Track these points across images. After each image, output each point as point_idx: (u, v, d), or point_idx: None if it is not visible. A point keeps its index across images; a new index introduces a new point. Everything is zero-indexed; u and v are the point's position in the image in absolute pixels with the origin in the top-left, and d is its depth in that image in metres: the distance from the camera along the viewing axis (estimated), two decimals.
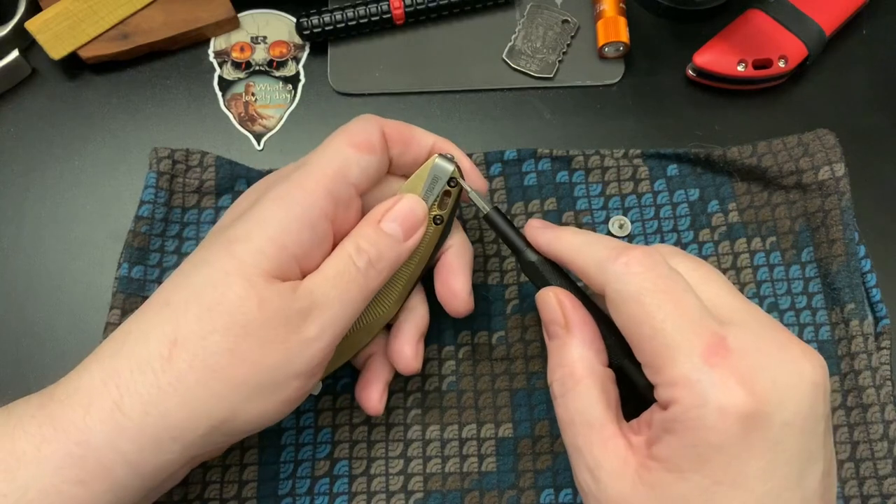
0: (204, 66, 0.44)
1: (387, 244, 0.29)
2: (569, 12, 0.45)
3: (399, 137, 0.31)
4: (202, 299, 0.26)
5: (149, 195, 0.37)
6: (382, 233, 0.29)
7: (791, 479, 0.23)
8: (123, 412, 0.25)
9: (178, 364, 0.25)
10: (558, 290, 0.30)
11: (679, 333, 0.24)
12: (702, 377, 0.23)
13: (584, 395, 0.27)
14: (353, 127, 0.30)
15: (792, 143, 0.38)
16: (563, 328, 0.29)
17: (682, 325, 0.25)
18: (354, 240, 0.29)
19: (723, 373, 0.23)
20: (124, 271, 0.36)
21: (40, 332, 0.38)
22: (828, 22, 0.42)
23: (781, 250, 0.37)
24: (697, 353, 0.24)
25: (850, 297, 0.35)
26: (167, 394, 0.25)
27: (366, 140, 0.30)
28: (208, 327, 0.25)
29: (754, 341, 0.24)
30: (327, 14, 0.43)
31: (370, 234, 0.29)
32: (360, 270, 0.28)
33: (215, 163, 0.39)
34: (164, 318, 0.26)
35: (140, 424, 0.25)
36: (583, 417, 0.27)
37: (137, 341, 0.26)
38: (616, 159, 0.39)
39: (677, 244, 0.38)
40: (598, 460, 0.26)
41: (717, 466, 0.23)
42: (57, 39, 0.42)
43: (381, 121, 0.31)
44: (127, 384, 0.25)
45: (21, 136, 0.42)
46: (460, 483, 0.34)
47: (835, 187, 0.37)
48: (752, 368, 0.24)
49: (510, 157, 0.39)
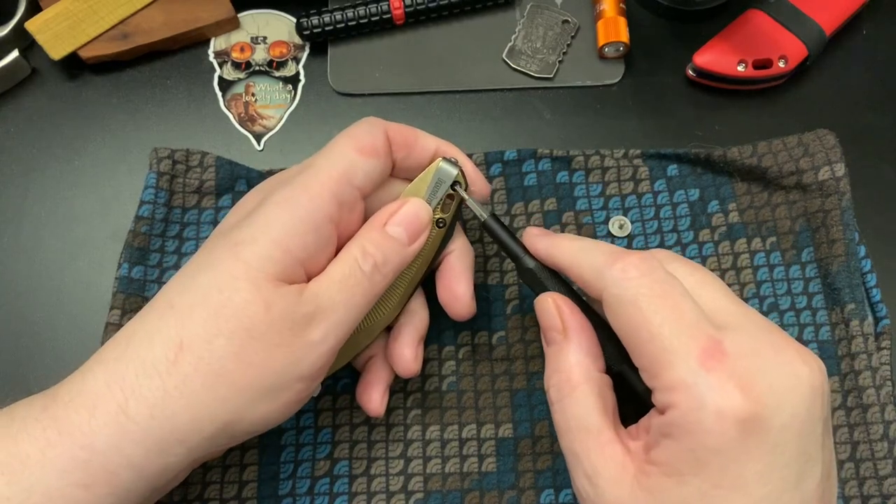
0: (204, 66, 0.44)
1: (392, 248, 0.29)
2: (569, 12, 0.45)
3: (403, 141, 0.31)
4: (208, 302, 0.26)
5: (149, 195, 0.37)
6: (388, 236, 0.29)
7: (789, 481, 0.23)
8: (129, 416, 0.25)
9: (184, 367, 0.25)
10: (556, 295, 0.30)
11: (676, 338, 0.24)
12: (699, 381, 0.23)
13: (580, 400, 0.27)
14: (357, 130, 0.30)
15: (792, 143, 0.38)
16: (560, 334, 0.29)
17: (678, 329, 0.25)
18: (360, 243, 0.29)
19: (720, 376, 0.23)
20: (124, 271, 0.36)
21: (40, 332, 0.38)
22: (828, 22, 0.42)
23: (781, 250, 0.37)
24: (694, 357, 0.24)
25: (851, 297, 0.35)
26: (173, 397, 0.25)
27: (370, 144, 0.30)
28: (214, 331, 0.25)
29: (751, 345, 0.25)
30: (327, 14, 0.43)
31: (376, 237, 0.29)
32: (366, 274, 0.28)
33: (215, 163, 0.39)
34: (169, 321, 0.26)
35: (145, 428, 0.25)
36: (580, 423, 0.27)
37: (142, 344, 0.26)
38: (616, 159, 0.39)
39: (677, 244, 0.38)
40: (596, 466, 0.26)
41: (716, 470, 0.23)
42: (57, 39, 0.42)
43: (385, 124, 0.31)
44: (132, 387, 0.25)
45: (21, 136, 0.42)
46: (460, 483, 0.34)
47: (835, 187, 0.37)
48: (750, 372, 0.24)
49: (510, 157, 0.39)
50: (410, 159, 0.32)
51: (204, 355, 0.25)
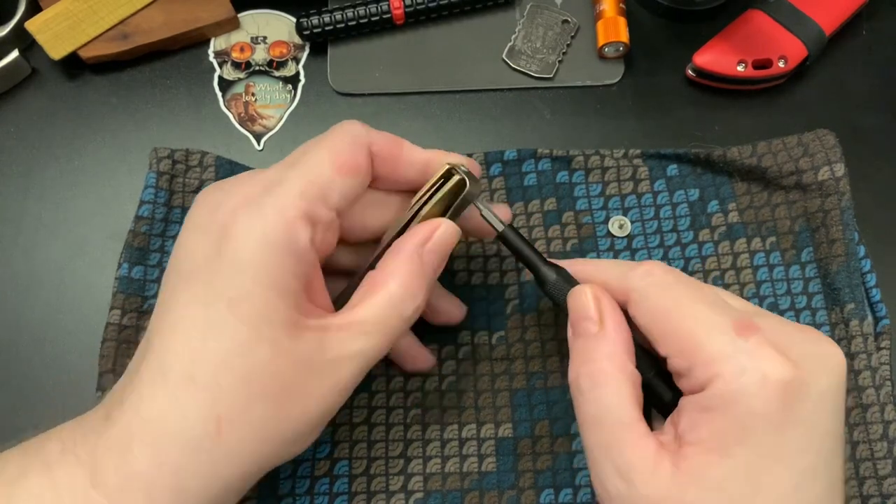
0: (204, 66, 0.44)
1: (429, 284, 0.29)
2: (569, 12, 0.45)
3: (388, 155, 0.29)
4: (233, 371, 0.25)
5: (149, 195, 0.37)
6: (427, 274, 0.28)
7: (824, 456, 0.24)
8: (187, 492, 0.25)
9: (229, 439, 0.25)
10: (596, 287, 0.28)
11: (711, 314, 0.25)
12: (739, 349, 0.24)
13: (616, 391, 0.26)
14: (337, 142, 0.28)
15: (792, 143, 0.38)
16: (595, 325, 0.27)
17: (710, 308, 0.26)
18: (401, 285, 0.28)
19: (759, 343, 0.24)
20: (124, 271, 0.36)
21: (40, 333, 0.38)
22: (828, 22, 0.42)
23: (781, 250, 0.37)
24: (731, 329, 0.25)
25: (850, 297, 0.35)
26: (222, 464, 0.25)
27: (351, 161, 0.28)
28: (248, 398, 0.25)
29: (779, 324, 0.26)
30: (327, 14, 0.43)
31: (417, 282, 0.28)
32: (406, 320, 0.28)
33: (215, 163, 0.39)
34: (198, 397, 0.25)
35: (202, 498, 0.25)
36: (614, 415, 0.26)
37: (178, 423, 0.25)
38: (616, 159, 0.39)
39: (677, 244, 0.38)
40: (631, 460, 0.25)
41: (760, 438, 0.23)
42: (57, 39, 0.42)
43: (369, 135, 0.29)
44: (185, 467, 0.25)
45: (21, 136, 0.42)
46: (460, 483, 0.34)
47: (835, 187, 0.37)
48: (784, 342, 0.24)
49: (510, 157, 0.39)
50: (394, 174, 0.30)
51: (244, 424, 0.25)
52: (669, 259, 0.38)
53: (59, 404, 0.36)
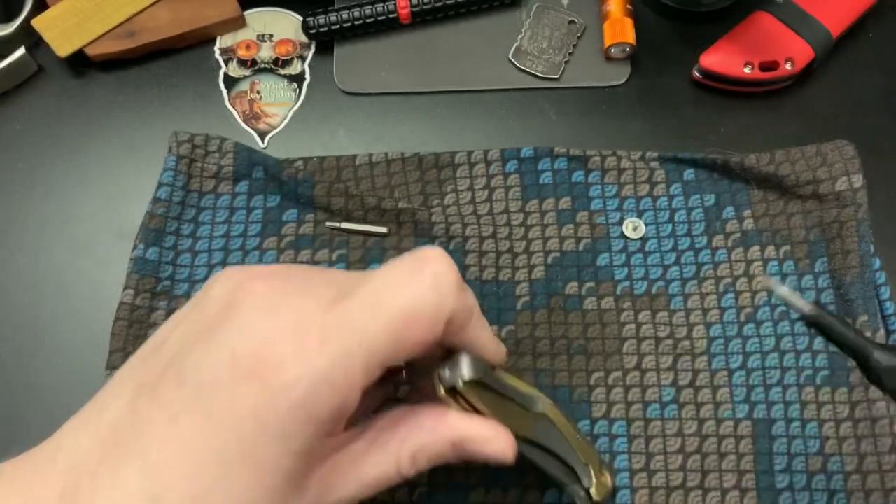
0: (210, 63, 0.44)
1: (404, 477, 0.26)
2: (575, 13, 0.45)
3: (456, 329, 0.24)
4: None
5: (168, 177, 0.37)
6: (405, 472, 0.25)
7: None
8: None
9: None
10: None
11: None
12: None
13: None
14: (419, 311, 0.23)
15: (810, 152, 0.38)
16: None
17: None
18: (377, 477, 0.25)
19: None
20: (140, 252, 0.36)
21: (45, 330, 0.38)
22: (834, 24, 0.42)
23: (795, 259, 0.37)
24: None
25: (864, 308, 0.35)
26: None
27: (422, 343, 0.23)
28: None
29: None
30: (334, 13, 0.43)
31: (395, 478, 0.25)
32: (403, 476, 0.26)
33: (234, 149, 0.39)
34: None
35: None
36: None
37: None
38: (633, 161, 0.39)
39: (690, 249, 0.38)
40: None
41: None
42: (64, 37, 0.42)
43: (453, 306, 0.23)
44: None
45: (27, 134, 0.42)
46: (465, 477, 0.34)
47: (852, 198, 0.36)
48: None
49: (526, 154, 0.39)
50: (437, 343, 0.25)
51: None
52: (682, 264, 0.37)
53: (65, 401, 0.36)
